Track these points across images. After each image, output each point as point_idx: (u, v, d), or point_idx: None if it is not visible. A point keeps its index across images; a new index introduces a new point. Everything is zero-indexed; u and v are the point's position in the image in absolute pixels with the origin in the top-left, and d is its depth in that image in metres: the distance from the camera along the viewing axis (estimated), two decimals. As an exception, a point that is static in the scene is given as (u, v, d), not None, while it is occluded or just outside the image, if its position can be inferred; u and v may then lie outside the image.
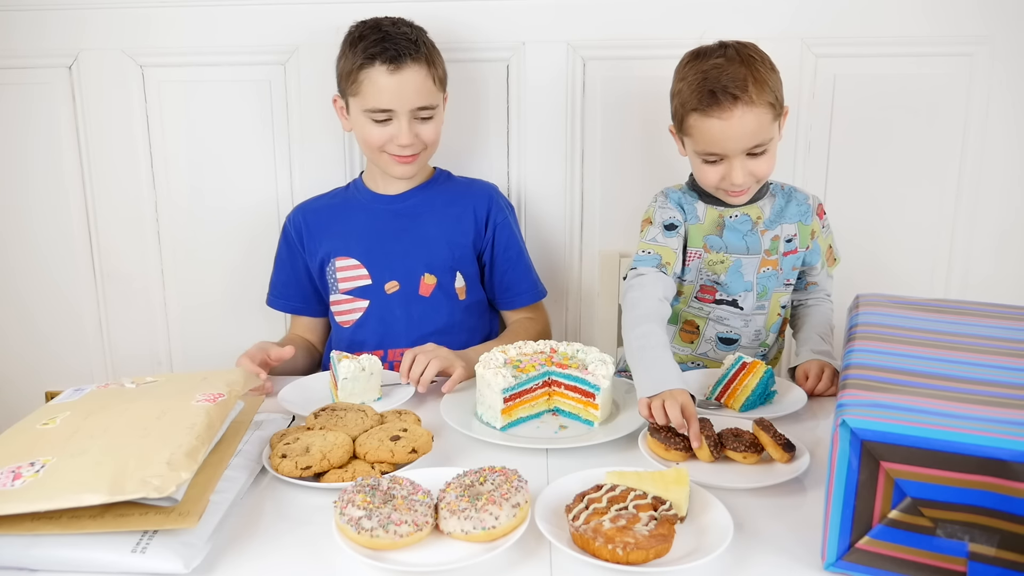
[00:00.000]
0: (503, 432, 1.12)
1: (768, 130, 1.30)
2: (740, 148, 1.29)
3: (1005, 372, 0.83)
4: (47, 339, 1.86)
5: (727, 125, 1.27)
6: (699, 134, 1.31)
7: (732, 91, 1.26)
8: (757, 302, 1.41)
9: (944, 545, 0.74)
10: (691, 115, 1.31)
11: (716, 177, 1.33)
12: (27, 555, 0.80)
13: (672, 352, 1.39)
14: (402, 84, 1.41)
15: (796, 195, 1.43)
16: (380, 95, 1.41)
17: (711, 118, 1.28)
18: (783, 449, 1.00)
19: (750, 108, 1.26)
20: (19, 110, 1.74)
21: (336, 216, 1.56)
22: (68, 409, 0.98)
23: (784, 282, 1.42)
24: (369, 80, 1.42)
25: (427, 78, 1.45)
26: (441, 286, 1.51)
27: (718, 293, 1.41)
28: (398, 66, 1.41)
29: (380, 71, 1.41)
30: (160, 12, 1.68)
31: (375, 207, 1.54)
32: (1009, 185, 1.69)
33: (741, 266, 1.39)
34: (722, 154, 1.30)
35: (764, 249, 1.39)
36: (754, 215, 1.40)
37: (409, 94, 1.42)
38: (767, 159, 1.32)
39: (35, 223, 1.80)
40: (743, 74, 1.27)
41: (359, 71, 1.42)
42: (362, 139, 1.49)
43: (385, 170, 1.50)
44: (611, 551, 0.79)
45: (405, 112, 1.42)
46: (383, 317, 1.51)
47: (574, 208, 1.77)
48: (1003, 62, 1.63)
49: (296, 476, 0.97)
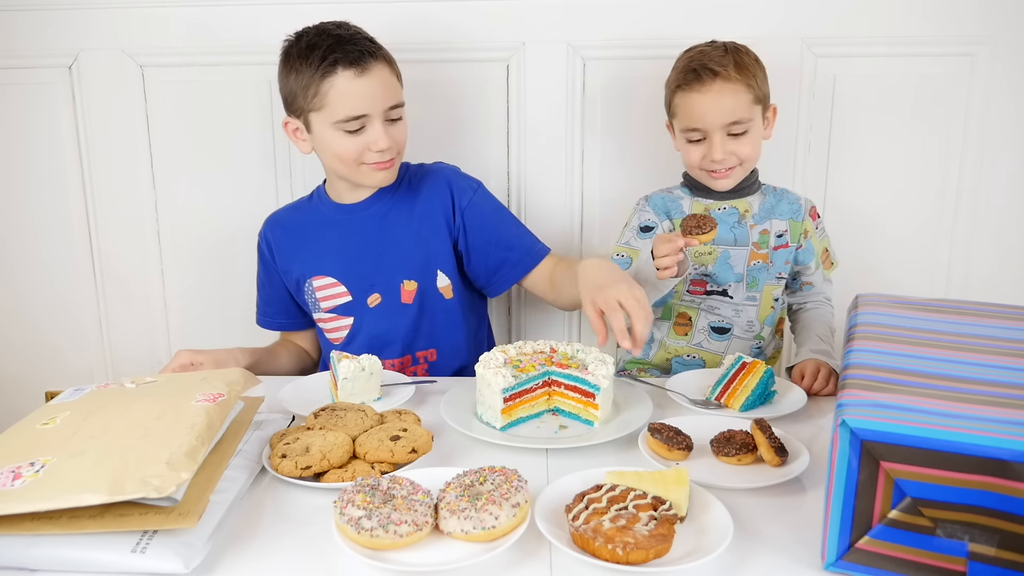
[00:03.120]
0: (503, 432, 1.12)
1: (748, 110, 1.37)
2: (719, 122, 1.36)
3: (1005, 372, 0.83)
4: (47, 339, 1.86)
5: (705, 98, 1.36)
6: (682, 111, 1.40)
7: (712, 67, 1.36)
8: (747, 292, 1.44)
9: (944, 545, 0.74)
10: (676, 94, 1.41)
11: (698, 156, 1.40)
12: (27, 555, 0.80)
13: (667, 346, 1.43)
14: (372, 85, 1.34)
15: (788, 195, 1.48)
16: (351, 101, 1.33)
17: (692, 92, 1.37)
18: (775, 452, 1.00)
19: (728, 83, 1.35)
20: (20, 110, 1.74)
21: (305, 233, 1.50)
22: (68, 409, 0.98)
23: (776, 276, 1.45)
24: (335, 89, 1.32)
25: (391, 75, 1.38)
26: (423, 290, 1.46)
27: (708, 285, 1.45)
28: (364, 67, 1.32)
29: (345, 76, 1.32)
30: (160, 12, 1.68)
31: (340, 218, 1.48)
32: (1010, 185, 1.69)
33: (729, 257, 1.43)
34: (703, 129, 1.38)
35: (753, 242, 1.43)
36: (742, 208, 1.45)
37: (379, 94, 1.35)
38: (748, 141, 1.38)
39: (35, 223, 1.80)
40: (725, 57, 1.37)
41: (320, 82, 1.32)
42: (333, 155, 1.38)
43: (362, 182, 1.43)
44: (611, 551, 0.79)
45: (379, 114, 1.35)
46: (370, 332, 1.47)
47: (574, 208, 1.77)
48: (1004, 62, 1.63)
49: (296, 476, 0.97)
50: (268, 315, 1.59)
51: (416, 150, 1.61)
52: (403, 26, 1.51)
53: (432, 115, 1.69)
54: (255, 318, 1.62)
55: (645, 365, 1.53)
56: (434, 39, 1.65)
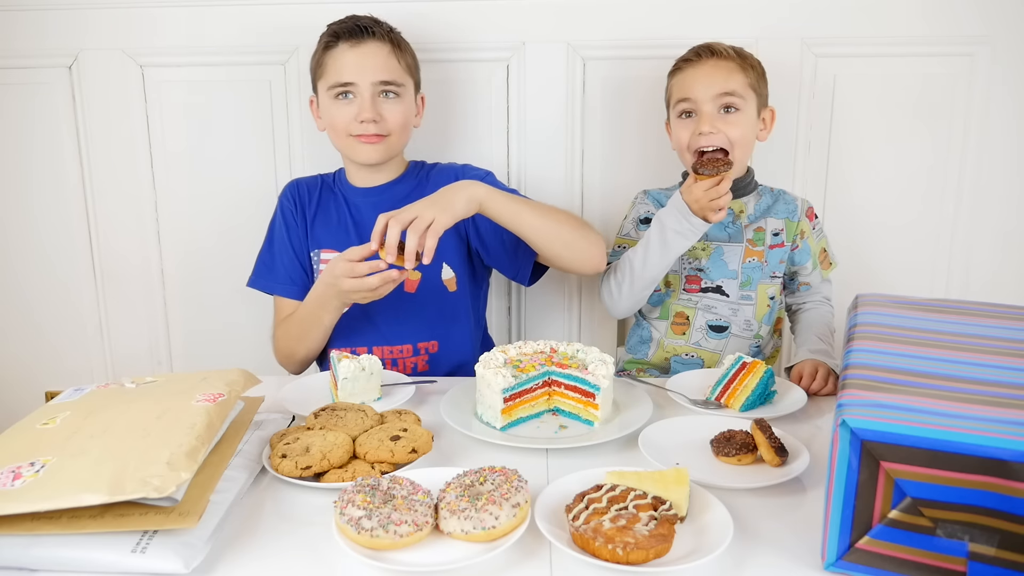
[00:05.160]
0: (503, 432, 1.12)
1: (741, 88, 1.39)
2: (710, 93, 1.38)
3: (1005, 372, 0.83)
4: (47, 339, 1.86)
5: (699, 71, 1.41)
6: (676, 89, 1.44)
7: (710, 47, 1.41)
8: (742, 291, 1.45)
9: (944, 545, 0.74)
10: (673, 77, 1.45)
11: (687, 133, 1.41)
12: (27, 555, 0.80)
13: (666, 346, 1.44)
14: (363, 57, 1.43)
15: (785, 196, 1.49)
16: (342, 69, 1.44)
17: (688, 69, 1.42)
18: (775, 452, 1.00)
19: (723, 60, 1.40)
20: (20, 110, 1.74)
21: (321, 204, 1.55)
22: (68, 409, 0.98)
23: (771, 275, 1.46)
24: (332, 58, 1.45)
25: (390, 56, 1.46)
26: (427, 280, 1.48)
27: (703, 282, 1.46)
28: (359, 40, 1.44)
29: (343, 48, 1.44)
30: (160, 12, 1.68)
31: (354, 200, 1.53)
32: (1010, 186, 1.69)
33: (723, 254, 1.44)
34: (693, 100, 1.40)
35: (747, 239, 1.45)
36: (737, 208, 1.46)
37: (369, 67, 1.43)
38: (739, 122, 1.39)
39: (35, 223, 1.80)
40: (724, 45, 1.42)
41: (324, 52, 1.46)
42: (331, 127, 1.48)
43: (352, 156, 1.49)
44: (611, 551, 0.79)
45: (367, 85, 1.43)
46: (370, 315, 1.48)
47: (574, 208, 1.77)
48: (1003, 62, 1.63)
49: (296, 476, 0.97)
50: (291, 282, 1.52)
51: (416, 149, 1.61)
52: (403, 26, 1.51)
53: (432, 115, 1.69)
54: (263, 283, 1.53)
55: (644, 365, 1.53)
56: (434, 39, 1.66)
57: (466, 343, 1.53)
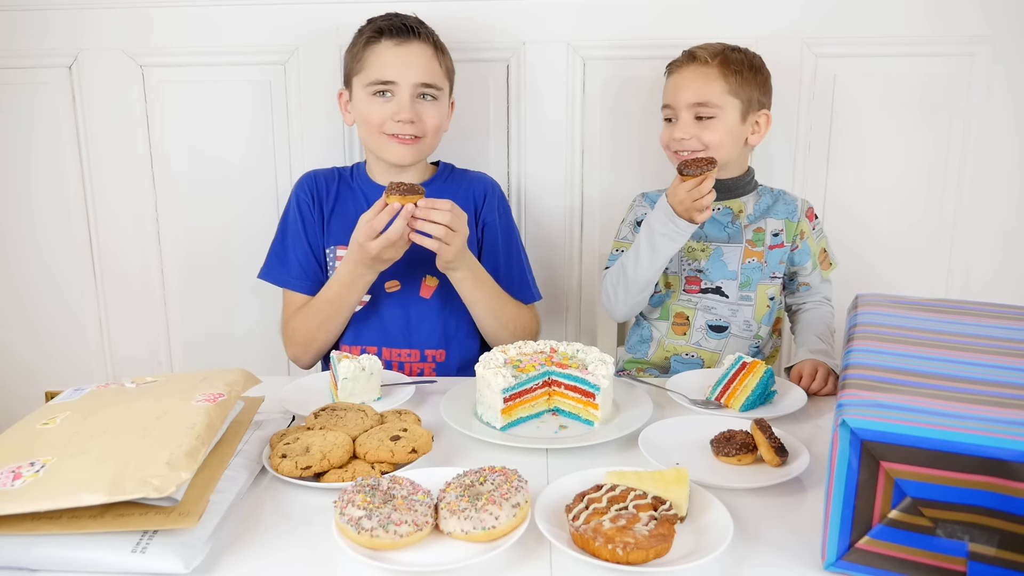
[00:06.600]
0: (503, 432, 1.12)
1: (717, 97, 1.39)
2: (684, 101, 1.41)
3: (1005, 372, 0.83)
4: (47, 339, 1.86)
5: (679, 78, 1.44)
6: (663, 93, 1.48)
7: (694, 53, 1.42)
8: (741, 292, 1.45)
9: (944, 545, 0.74)
10: (666, 80, 1.48)
11: (667, 136, 1.45)
12: (27, 555, 0.80)
13: (666, 345, 1.44)
14: (407, 56, 1.42)
15: (785, 196, 1.49)
16: (384, 67, 1.42)
17: (671, 74, 1.45)
18: (775, 452, 1.00)
19: (702, 67, 1.40)
20: (20, 110, 1.74)
21: (339, 199, 1.51)
22: (68, 409, 0.98)
23: (770, 275, 1.46)
24: (375, 54, 1.42)
25: (433, 59, 1.45)
26: (443, 288, 1.47)
27: (703, 282, 1.46)
28: (404, 39, 1.42)
29: (386, 45, 1.42)
30: (160, 12, 1.68)
31: (374, 197, 1.44)
32: (1010, 186, 1.69)
33: (722, 254, 1.44)
34: (673, 107, 1.43)
35: (747, 239, 1.45)
36: (736, 208, 1.46)
37: (413, 68, 1.42)
38: (715, 127, 1.40)
39: (35, 223, 1.80)
40: (714, 50, 1.42)
41: (365, 48, 1.44)
42: (363, 121, 1.45)
43: (382, 155, 1.46)
44: (611, 551, 0.79)
45: (408, 86, 1.41)
46: (381, 314, 1.48)
47: (574, 208, 1.77)
48: (1003, 62, 1.63)
49: (296, 476, 0.97)
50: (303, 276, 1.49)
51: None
52: (403, 26, 1.51)
53: (432, 115, 1.69)
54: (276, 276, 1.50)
55: (644, 364, 1.53)
56: (434, 39, 1.66)
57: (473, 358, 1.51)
